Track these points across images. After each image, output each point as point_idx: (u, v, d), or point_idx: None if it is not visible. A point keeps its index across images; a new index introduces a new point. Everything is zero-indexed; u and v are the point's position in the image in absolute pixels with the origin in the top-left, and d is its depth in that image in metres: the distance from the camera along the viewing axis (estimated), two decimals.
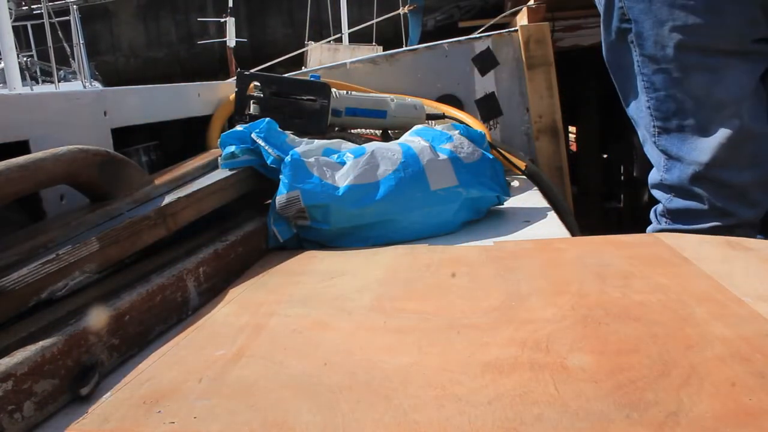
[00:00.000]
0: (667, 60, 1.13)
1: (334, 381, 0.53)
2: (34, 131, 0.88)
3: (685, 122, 1.15)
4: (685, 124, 1.15)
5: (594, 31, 2.11)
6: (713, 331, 0.57)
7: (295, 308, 0.71)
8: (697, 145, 1.13)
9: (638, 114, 1.23)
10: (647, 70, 1.17)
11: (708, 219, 1.16)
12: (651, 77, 1.17)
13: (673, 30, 1.11)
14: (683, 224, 1.20)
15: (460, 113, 1.56)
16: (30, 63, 10.06)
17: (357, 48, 8.16)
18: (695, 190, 1.16)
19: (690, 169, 1.15)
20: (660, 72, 1.15)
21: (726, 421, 0.44)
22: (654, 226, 1.28)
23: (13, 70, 6.31)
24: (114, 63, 12.47)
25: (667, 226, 1.23)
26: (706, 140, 1.12)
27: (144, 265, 0.76)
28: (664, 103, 1.16)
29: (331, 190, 0.96)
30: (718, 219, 1.15)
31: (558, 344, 0.57)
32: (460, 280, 0.76)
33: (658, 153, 1.20)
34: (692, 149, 1.14)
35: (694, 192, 1.16)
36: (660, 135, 1.19)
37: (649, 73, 1.17)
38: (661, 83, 1.16)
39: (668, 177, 1.19)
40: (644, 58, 1.17)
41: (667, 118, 1.17)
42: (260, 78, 1.34)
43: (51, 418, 0.51)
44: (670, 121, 1.16)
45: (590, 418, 0.45)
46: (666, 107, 1.16)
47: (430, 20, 9.80)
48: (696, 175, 1.14)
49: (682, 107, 1.14)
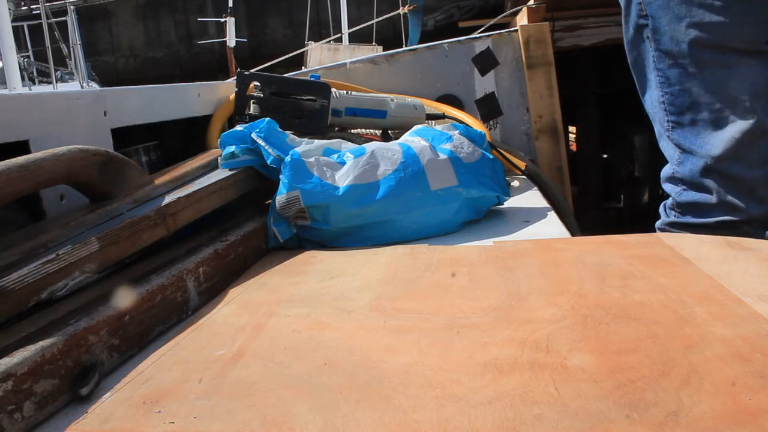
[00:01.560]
0: (682, 55, 1.15)
1: (334, 381, 0.53)
2: (34, 131, 0.88)
3: (698, 116, 1.16)
4: (698, 118, 1.16)
5: (594, 31, 2.12)
6: (713, 331, 0.57)
7: (295, 308, 0.71)
8: (710, 139, 1.15)
9: (653, 109, 1.24)
10: (662, 65, 1.19)
11: (716, 213, 1.17)
12: (666, 72, 1.19)
13: (689, 26, 1.13)
14: (692, 217, 1.21)
15: (460, 113, 1.56)
16: (27, 64, 10.05)
17: (357, 48, 8.16)
18: (705, 183, 1.17)
19: (701, 161, 1.16)
20: (675, 67, 1.17)
21: (726, 421, 0.44)
22: (663, 219, 1.29)
23: (12, 71, 6.31)
24: (113, 63, 12.47)
25: (676, 219, 1.25)
26: (719, 134, 1.13)
27: (144, 265, 0.76)
28: (678, 98, 1.18)
29: (331, 190, 0.96)
30: (726, 213, 1.16)
31: (558, 344, 0.57)
32: (460, 280, 0.76)
33: (672, 147, 1.21)
34: (705, 143, 1.15)
35: (704, 185, 1.17)
36: (674, 129, 1.20)
37: (664, 68, 1.19)
38: (676, 78, 1.17)
39: (680, 170, 1.21)
40: (660, 53, 1.18)
41: (681, 113, 1.18)
42: (260, 78, 1.34)
43: (51, 418, 0.51)
44: (684, 115, 1.18)
45: (590, 418, 0.45)
46: (680, 101, 1.18)
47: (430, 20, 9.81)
48: (707, 167, 1.15)
49: (696, 101, 1.16)
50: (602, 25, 2.11)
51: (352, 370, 0.55)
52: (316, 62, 6.81)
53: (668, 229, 1.27)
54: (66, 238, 0.68)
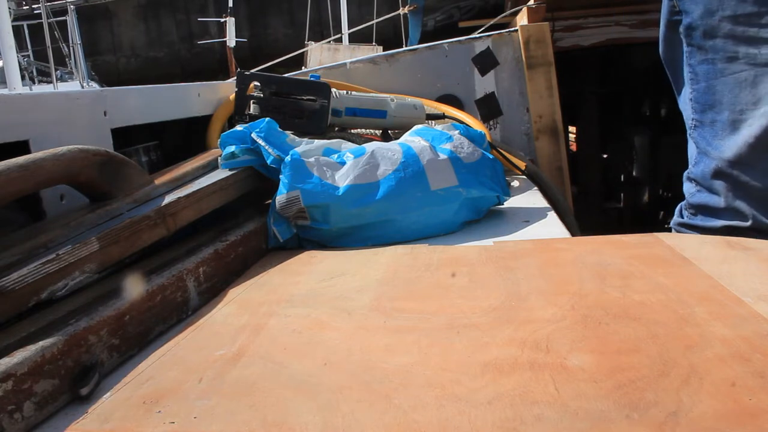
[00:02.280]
0: (714, 50, 1.14)
1: (334, 381, 0.53)
2: (34, 131, 0.88)
3: (718, 116, 1.15)
4: (718, 119, 1.15)
5: (594, 31, 2.12)
6: (713, 331, 0.57)
7: (295, 308, 0.71)
8: (725, 141, 1.13)
9: (684, 106, 1.23)
10: (694, 60, 1.18)
11: (724, 217, 1.16)
12: (696, 68, 1.18)
13: (722, 20, 1.11)
14: (701, 219, 1.21)
15: (460, 113, 1.56)
16: (27, 63, 10.06)
17: (357, 48, 8.16)
18: (715, 185, 1.16)
19: (713, 163, 1.15)
20: (705, 63, 1.16)
21: (726, 421, 0.44)
22: (675, 218, 1.29)
23: (13, 70, 6.30)
24: (115, 63, 12.47)
25: (687, 221, 1.24)
26: (734, 137, 1.12)
27: (144, 265, 0.76)
28: (704, 95, 1.17)
29: (331, 190, 0.96)
30: (732, 218, 1.15)
31: (558, 344, 0.57)
32: (460, 280, 0.76)
33: (693, 146, 1.21)
34: (720, 144, 1.14)
35: (713, 187, 1.17)
36: (695, 128, 1.20)
37: (695, 64, 1.18)
38: (704, 74, 1.16)
39: (694, 170, 1.21)
40: (692, 48, 1.18)
41: (704, 111, 1.17)
42: (260, 78, 1.34)
43: (51, 418, 0.51)
44: (706, 114, 1.17)
45: (590, 418, 0.45)
46: (705, 99, 1.17)
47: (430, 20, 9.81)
48: (717, 170, 1.14)
49: (720, 100, 1.14)
50: (602, 25, 2.11)
51: (352, 370, 0.55)
52: (316, 62, 6.81)
53: (678, 229, 1.27)
54: (66, 238, 0.68)
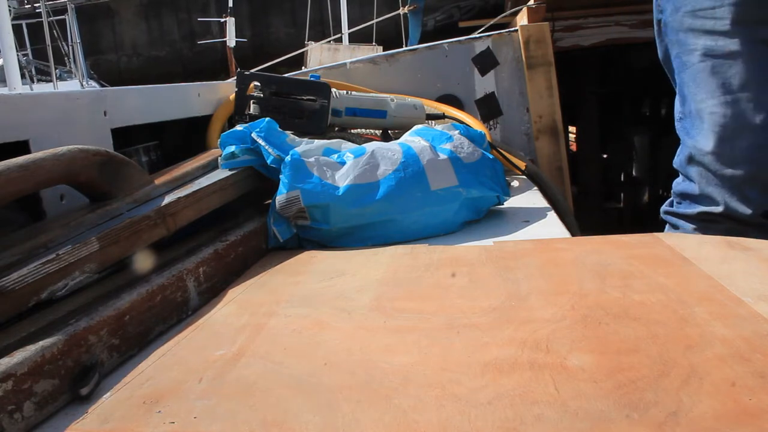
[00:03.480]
0: (680, 44, 1.18)
1: (334, 381, 0.53)
2: (34, 131, 0.88)
3: (687, 108, 1.19)
4: (686, 110, 1.20)
5: (594, 31, 2.12)
6: (713, 331, 0.57)
7: (295, 308, 0.71)
8: (695, 131, 1.17)
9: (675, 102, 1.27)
10: (672, 55, 1.22)
11: (699, 203, 1.20)
12: (673, 62, 1.22)
13: (685, 15, 1.15)
14: (683, 207, 1.25)
15: (460, 113, 1.56)
16: (26, 62, 10.05)
17: (357, 48, 8.15)
18: (690, 172, 1.20)
19: (687, 151, 1.19)
20: (677, 57, 1.20)
21: (726, 421, 0.44)
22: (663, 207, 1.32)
23: (13, 70, 6.29)
24: (116, 62, 12.46)
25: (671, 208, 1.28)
26: (701, 127, 1.16)
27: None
28: (682, 89, 1.21)
29: (331, 190, 0.96)
30: (707, 204, 1.18)
31: (558, 344, 0.57)
32: (460, 280, 0.76)
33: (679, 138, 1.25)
34: (694, 134, 1.18)
35: (690, 175, 1.21)
36: (679, 120, 1.23)
37: (672, 59, 1.22)
38: (678, 68, 1.20)
39: (676, 159, 1.25)
40: (671, 44, 1.22)
41: (683, 103, 1.21)
42: (260, 78, 1.34)
43: (51, 418, 0.51)
44: (684, 105, 1.21)
45: (590, 418, 0.45)
46: (683, 92, 1.21)
47: (430, 20, 9.81)
48: (690, 158, 1.19)
49: (687, 92, 1.18)
50: (602, 25, 2.11)
51: (352, 370, 0.55)
52: (316, 62, 6.80)
53: (664, 217, 1.31)
54: (66, 238, 0.68)
